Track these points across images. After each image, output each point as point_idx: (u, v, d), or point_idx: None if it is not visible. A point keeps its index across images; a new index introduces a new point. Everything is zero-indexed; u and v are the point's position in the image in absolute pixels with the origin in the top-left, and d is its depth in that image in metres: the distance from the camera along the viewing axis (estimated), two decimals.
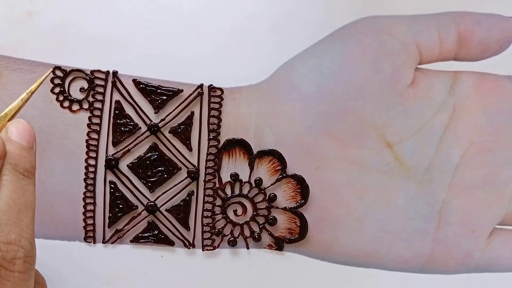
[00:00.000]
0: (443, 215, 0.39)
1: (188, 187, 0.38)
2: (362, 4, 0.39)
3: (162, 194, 0.38)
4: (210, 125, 0.38)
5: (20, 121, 0.31)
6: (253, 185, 0.38)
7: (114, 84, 0.38)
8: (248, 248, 0.39)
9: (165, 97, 0.38)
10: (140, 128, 0.38)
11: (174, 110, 0.38)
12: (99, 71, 0.38)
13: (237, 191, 0.39)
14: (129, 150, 0.38)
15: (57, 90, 0.38)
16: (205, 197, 0.38)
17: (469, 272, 0.39)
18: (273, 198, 0.38)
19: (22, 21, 0.38)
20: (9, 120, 0.31)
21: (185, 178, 0.38)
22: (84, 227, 0.38)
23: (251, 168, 0.38)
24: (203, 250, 0.39)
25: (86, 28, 0.38)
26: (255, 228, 0.39)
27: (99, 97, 0.38)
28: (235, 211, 0.39)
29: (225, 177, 0.39)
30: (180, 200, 0.38)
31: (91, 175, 0.38)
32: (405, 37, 0.39)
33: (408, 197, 0.39)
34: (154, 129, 0.38)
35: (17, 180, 0.29)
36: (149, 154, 0.38)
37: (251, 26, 0.39)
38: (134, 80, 0.38)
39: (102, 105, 0.38)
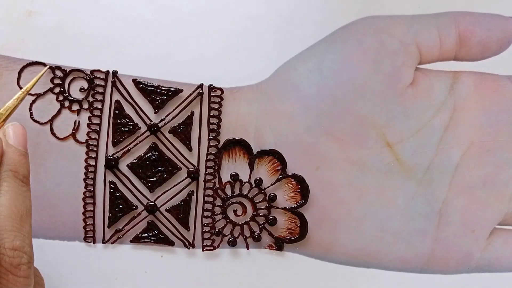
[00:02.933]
0: (443, 215, 0.39)
1: (188, 187, 0.38)
2: (362, 4, 0.39)
3: (162, 194, 0.38)
4: (210, 125, 0.38)
5: (16, 124, 0.31)
6: (253, 185, 0.38)
7: (114, 84, 0.38)
8: (248, 248, 0.39)
9: (165, 97, 0.38)
10: (140, 128, 0.38)
11: (174, 110, 0.38)
12: (99, 71, 0.38)
13: (237, 191, 0.39)
14: (129, 150, 0.38)
15: (57, 90, 0.38)
16: (205, 197, 0.38)
17: (469, 272, 0.39)
18: (273, 198, 0.38)
19: (22, 21, 0.38)
20: (4, 120, 0.31)
21: (185, 178, 0.38)
22: (84, 227, 0.38)
23: (251, 168, 0.38)
24: (203, 250, 0.39)
25: (86, 28, 0.38)
26: (255, 228, 0.39)
27: (99, 97, 0.38)
28: (235, 211, 0.39)
29: (225, 177, 0.39)
30: (180, 200, 0.38)
31: (91, 175, 0.38)
32: (405, 37, 0.39)
33: (408, 197, 0.39)
34: (154, 129, 0.38)
35: (17, 187, 0.29)
36: (149, 154, 0.38)
37: (251, 27, 0.39)
38: (134, 80, 0.38)
39: (102, 105, 0.38)
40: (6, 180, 0.29)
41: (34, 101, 0.37)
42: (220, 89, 0.38)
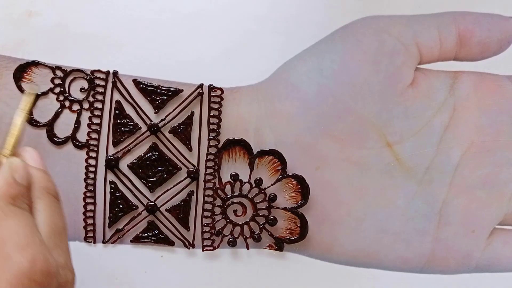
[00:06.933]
0: (443, 215, 0.39)
1: (188, 187, 0.38)
2: (362, 4, 0.39)
3: (162, 194, 0.38)
4: (210, 125, 0.38)
5: (28, 148, 0.31)
6: (253, 185, 0.38)
7: (114, 84, 0.38)
8: (248, 248, 0.39)
9: (165, 97, 0.38)
10: (140, 128, 0.38)
11: (174, 110, 0.38)
12: (99, 71, 0.38)
13: (237, 191, 0.39)
14: (129, 150, 0.38)
15: (57, 90, 0.38)
16: (205, 197, 0.38)
17: (469, 272, 0.39)
18: (273, 198, 0.38)
19: (22, 21, 0.38)
20: (14, 146, 0.31)
21: (185, 178, 0.38)
22: (84, 227, 0.38)
23: (251, 168, 0.38)
24: (203, 250, 0.39)
25: (86, 28, 0.38)
26: (255, 229, 0.39)
27: (99, 97, 0.38)
28: (235, 211, 0.39)
29: (225, 177, 0.39)
30: (180, 200, 0.38)
31: (91, 175, 0.38)
32: (405, 37, 0.39)
33: (408, 197, 0.39)
34: (154, 129, 0.38)
35: (52, 204, 0.28)
36: (149, 154, 0.38)
37: (251, 27, 0.39)
38: (134, 80, 0.38)
39: (102, 105, 0.38)
40: (41, 197, 0.28)
41: (34, 102, 0.37)
42: (220, 89, 0.38)
